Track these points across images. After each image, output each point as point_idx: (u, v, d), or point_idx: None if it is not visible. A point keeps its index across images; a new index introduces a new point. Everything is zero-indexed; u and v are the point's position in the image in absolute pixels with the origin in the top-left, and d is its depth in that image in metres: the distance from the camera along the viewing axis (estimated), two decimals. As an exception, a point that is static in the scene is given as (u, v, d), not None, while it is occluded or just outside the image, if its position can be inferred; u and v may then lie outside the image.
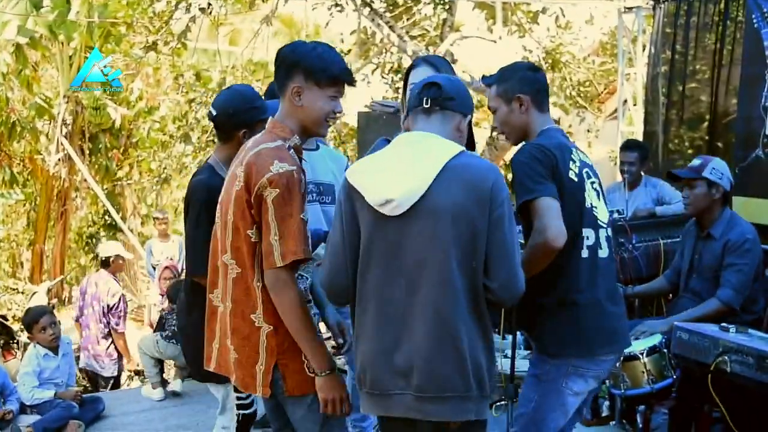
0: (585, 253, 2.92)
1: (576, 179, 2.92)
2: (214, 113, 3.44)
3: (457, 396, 2.50)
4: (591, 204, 2.97)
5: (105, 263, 8.09)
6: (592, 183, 3.02)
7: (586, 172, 3.01)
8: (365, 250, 2.54)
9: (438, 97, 2.64)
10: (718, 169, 4.29)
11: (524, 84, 3.05)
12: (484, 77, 3.19)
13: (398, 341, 2.50)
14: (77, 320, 8.13)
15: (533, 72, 3.13)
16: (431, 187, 2.46)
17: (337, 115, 2.87)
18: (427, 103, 2.64)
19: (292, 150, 2.74)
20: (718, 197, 4.28)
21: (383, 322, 2.52)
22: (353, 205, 2.57)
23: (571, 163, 2.93)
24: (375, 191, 2.50)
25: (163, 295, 7.50)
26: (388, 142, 2.68)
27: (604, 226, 3.03)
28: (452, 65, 3.70)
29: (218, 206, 2.88)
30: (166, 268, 8.34)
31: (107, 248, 8.45)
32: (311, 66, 2.74)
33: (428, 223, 2.47)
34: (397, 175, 2.49)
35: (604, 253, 2.99)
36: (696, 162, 4.40)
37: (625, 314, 3.13)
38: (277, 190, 2.60)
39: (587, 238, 2.93)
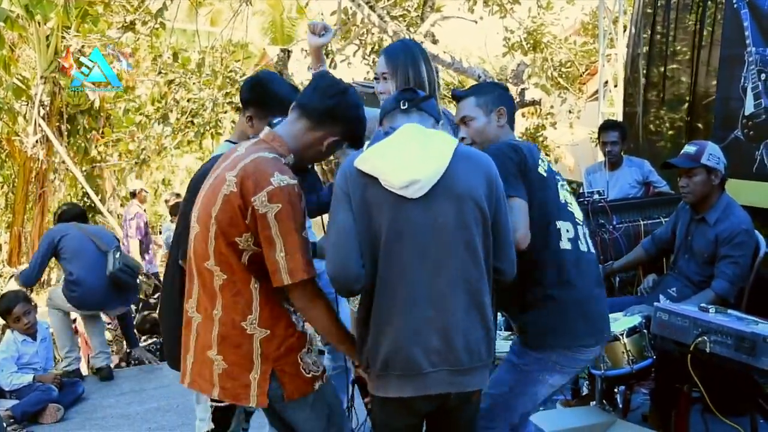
0: (566, 245, 3.00)
1: (545, 174, 3.06)
2: None
3: (483, 365, 2.65)
4: (565, 200, 3.09)
5: (132, 194, 11.10)
6: (562, 185, 3.16)
7: (556, 175, 3.16)
8: (388, 235, 2.56)
9: (414, 98, 2.81)
10: (714, 154, 4.23)
11: (504, 99, 3.24)
12: (455, 90, 3.41)
13: (432, 320, 2.56)
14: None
15: (509, 93, 3.35)
16: (447, 170, 2.58)
17: None
18: (404, 105, 2.80)
19: (287, 164, 2.68)
20: (716, 183, 4.22)
21: (414, 303, 2.56)
22: (364, 192, 2.59)
23: (540, 161, 3.08)
24: (397, 174, 2.55)
25: None
26: (386, 135, 2.69)
27: (581, 223, 3.13)
28: (413, 51, 3.57)
29: (195, 209, 2.76)
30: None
31: (133, 184, 11.80)
32: (353, 132, 2.80)
33: (451, 204, 2.58)
34: (417, 158, 2.58)
35: (584, 247, 3.07)
36: (691, 149, 4.30)
37: (607, 312, 3.18)
38: (279, 205, 2.53)
39: (567, 231, 3.02)
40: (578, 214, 3.14)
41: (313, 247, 3.37)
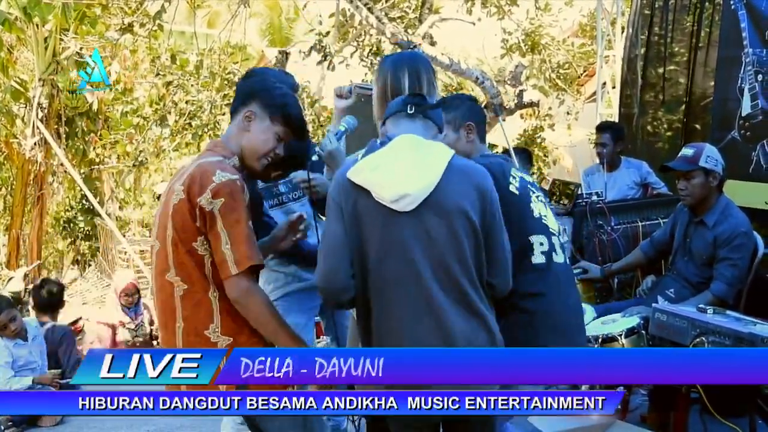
0: (539, 259, 3.00)
1: (518, 192, 3.03)
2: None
3: None
4: (540, 214, 3.07)
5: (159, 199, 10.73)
6: (538, 197, 3.14)
7: (529, 187, 3.12)
8: (379, 248, 2.57)
9: (422, 104, 2.78)
10: (712, 156, 4.22)
11: (473, 113, 3.20)
12: None
13: (434, 331, 2.56)
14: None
15: (477, 104, 3.31)
16: (439, 183, 2.57)
17: (275, 156, 2.88)
18: (411, 109, 2.76)
19: (232, 166, 2.76)
20: (715, 185, 4.22)
21: (414, 316, 2.56)
22: (355, 203, 2.59)
23: (511, 178, 3.05)
24: (389, 187, 2.55)
25: None
26: (382, 145, 2.69)
27: (556, 233, 3.11)
28: (403, 61, 3.33)
29: (155, 225, 2.83)
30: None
31: (160, 187, 11.28)
32: (271, 99, 2.84)
33: (442, 218, 2.57)
34: (409, 171, 2.57)
35: (560, 258, 3.07)
36: (688, 152, 4.30)
37: (582, 324, 3.19)
38: (222, 199, 2.62)
39: (541, 244, 3.01)
40: (553, 226, 3.13)
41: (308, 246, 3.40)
